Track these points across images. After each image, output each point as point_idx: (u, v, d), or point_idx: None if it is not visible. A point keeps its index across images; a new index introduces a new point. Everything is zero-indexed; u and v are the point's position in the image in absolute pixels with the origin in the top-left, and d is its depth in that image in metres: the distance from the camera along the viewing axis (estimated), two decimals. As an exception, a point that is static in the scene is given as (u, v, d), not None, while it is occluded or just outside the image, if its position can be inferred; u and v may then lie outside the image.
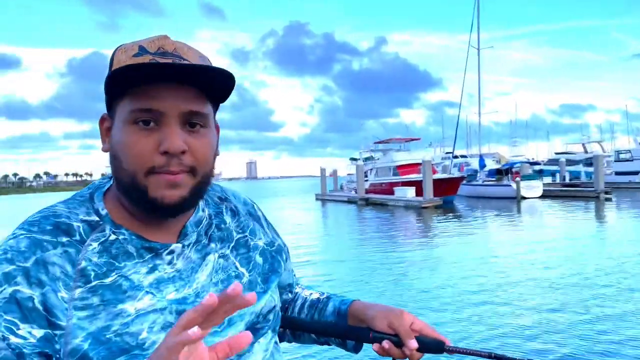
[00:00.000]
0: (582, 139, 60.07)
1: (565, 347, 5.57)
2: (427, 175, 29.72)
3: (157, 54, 0.83)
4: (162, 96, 0.82)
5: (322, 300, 1.14)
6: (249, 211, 1.07)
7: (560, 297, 7.71)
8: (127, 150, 0.82)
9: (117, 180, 0.86)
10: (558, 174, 45.56)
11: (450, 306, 7.41)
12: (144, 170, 0.82)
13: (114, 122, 0.85)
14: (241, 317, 0.92)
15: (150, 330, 0.82)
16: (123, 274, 0.83)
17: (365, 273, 10.32)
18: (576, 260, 10.63)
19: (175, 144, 0.81)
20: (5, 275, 0.78)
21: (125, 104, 0.83)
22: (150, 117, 0.82)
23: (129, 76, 0.80)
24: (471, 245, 13.78)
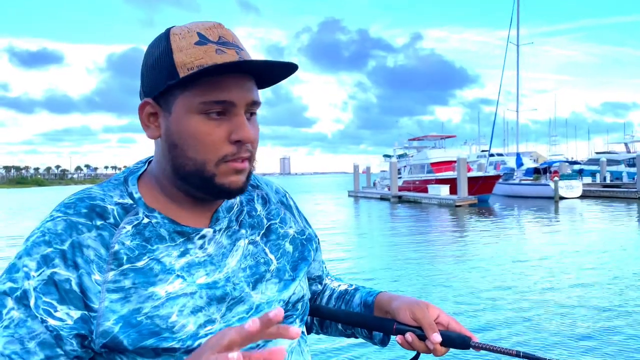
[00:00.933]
0: (625, 138, 58.00)
1: (593, 352, 5.44)
2: (462, 173, 29.29)
3: (220, 43, 0.85)
4: (232, 88, 0.84)
5: (349, 292, 1.14)
6: (280, 200, 1.08)
7: (593, 301, 7.51)
8: (196, 140, 0.85)
9: (177, 166, 0.87)
10: (598, 174, 44.15)
11: (478, 305, 7.32)
12: (215, 159, 0.85)
13: (171, 110, 0.86)
14: (269, 306, 0.93)
15: (180, 313, 0.83)
16: (155, 257, 0.85)
17: (396, 270, 10.28)
18: (613, 264, 10.32)
19: (249, 134, 0.85)
20: (44, 258, 0.80)
21: (192, 95, 0.84)
22: (222, 108, 0.84)
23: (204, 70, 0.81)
24: (504, 246, 13.54)
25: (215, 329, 0.85)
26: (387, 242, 15.07)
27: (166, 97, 0.86)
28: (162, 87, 0.85)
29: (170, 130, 0.86)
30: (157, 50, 0.86)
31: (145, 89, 0.89)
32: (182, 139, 0.85)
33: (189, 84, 0.83)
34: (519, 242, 14.50)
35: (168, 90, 0.85)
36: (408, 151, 48.34)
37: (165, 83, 0.84)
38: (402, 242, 14.70)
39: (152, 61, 0.87)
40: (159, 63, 0.85)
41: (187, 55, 0.83)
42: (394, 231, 18.08)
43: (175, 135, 0.86)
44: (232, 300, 0.88)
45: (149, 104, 0.88)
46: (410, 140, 49.13)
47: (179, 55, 0.83)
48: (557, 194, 29.99)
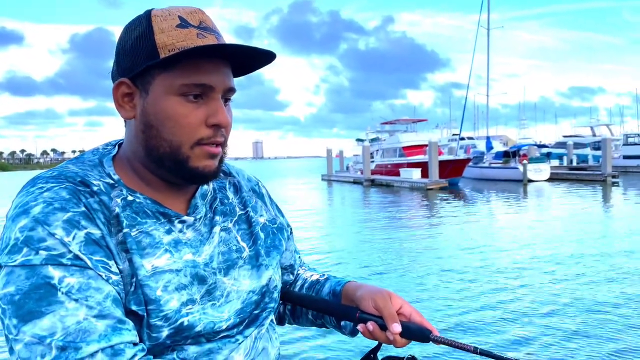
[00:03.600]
0: (591, 122, 59.54)
1: (555, 338, 5.62)
2: (433, 156, 29.63)
3: (200, 28, 0.85)
4: (211, 72, 0.85)
5: (320, 282, 1.15)
6: (252, 188, 1.08)
7: (558, 285, 7.74)
8: (173, 121, 0.85)
9: (151, 148, 0.87)
10: (565, 157, 45.29)
11: (445, 290, 7.46)
12: (191, 141, 0.86)
13: (148, 91, 0.85)
14: (238, 294, 0.93)
15: (164, 289, 0.83)
16: (145, 229, 0.85)
17: (366, 253, 10.39)
18: (577, 244, 10.64)
19: (226, 119, 0.87)
20: (69, 222, 0.77)
21: (172, 76, 0.84)
22: (201, 91, 0.85)
23: (186, 52, 0.82)
24: (474, 228, 13.79)
25: (194, 310, 0.85)
26: (359, 225, 15.19)
27: (144, 77, 0.85)
28: (141, 67, 0.84)
29: (146, 110, 0.86)
30: (137, 30, 0.86)
31: (121, 69, 0.87)
32: (158, 120, 0.85)
33: (170, 65, 0.83)
34: (488, 224, 14.79)
35: (147, 70, 0.85)
36: (381, 135, 48.61)
37: (144, 63, 0.84)
38: (373, 226, 14.83)
39: (130, 41, 0.86)
40: (139, 43, 0.85)
41: (169, 37, 0.83)
42: (366, 215, 18.23)
43: (152, 115, 0.85)
44: (211, 284, 0.89)
45: (125, 84, 0.87)
46: (383, 124, 49.40)
47: (161, 37, 0.83)
48: (526, 177, 30.63)
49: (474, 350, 0.92)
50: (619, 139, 46.20)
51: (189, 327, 0.84)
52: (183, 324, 0.84)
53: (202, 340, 0.87)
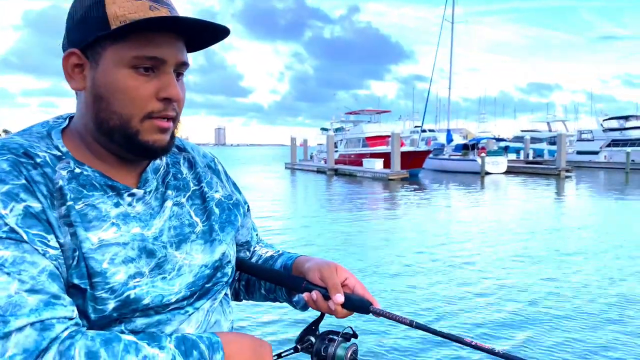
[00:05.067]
0: (547, 118, 61.34)
1: (497, 323, 5.89)
2: (395, 148, 30.02)
3: (154, 0, 0.85)
4: (163, 45, 0.85)
5: (274, 257, 1.17)
6: (207, 164, 1.09)
7: (505, 271, 8.06)
8: (123, 94, 0.84)
9: (101, 120, 0.86)
10: (522, 151, 46.60)
11: (400, 276, 7.67)
12: (141, 114, 0.85)
13: (98, 62, 0.85)
14: (190, 268, 0.93)
15: (111, 262, 0.83)
16: (91, 202, 0.84)
17: (326, 240, 10.53)
18: (529, 234, 11.06)
19: (177, 93, 0.87)
20: (7, 194, 0.76)
21: (123, 48, 0.83)
22: (152, 64, 0.85)
23: (137, 23, 0.81)
24: (431, 217, 14.13)
25: (142, 283, 0.85)
26: (320, 214, 15.31)
27: (95, 48, 0.85)
28: (92, 37, 0.84)
29: (96, 82, 0.85)
30: (87, 1, 0.84)
31: (71, 39, 0.87)
32: (108, 92, 0.84)
33: (120, 36, 0.83)
34: (446, 214, 15.17)
35: (97, 41, 0.84)
36: (345, 125, 48.82)
37: (95, 34, 0.83)
38: (334, 214, 14.99)
39: (81, 11, 0.85)
40: (89, 14, 0.84)
41: (121, 8, 0.82)
42: (327, 204, 18.38)
43: (102, 87, 0.85)
44: (161, 257, 0.89)
45: (75, 54, 0.86)
46: (347, 114, 49.62)
47: (112, 7, 0.82)
48: (484, 170, 31.43)
49: (410, 323, 0.95)
50: (574, 135, 47.84)
51: (136, 300, 0.84)
52: (130, 296, 0.83)
53: (150, 312, 0.87)
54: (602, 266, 8.05)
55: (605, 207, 16.46)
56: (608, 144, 40.66)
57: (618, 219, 13.47)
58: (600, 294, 6.56)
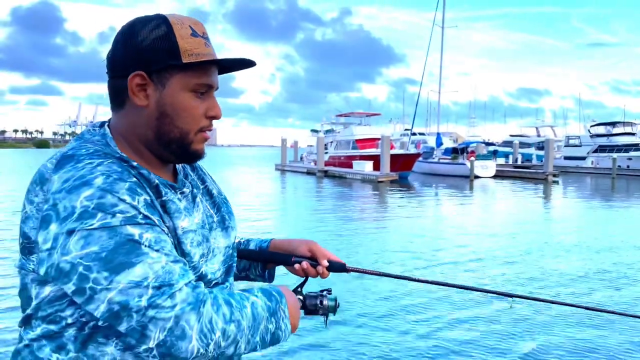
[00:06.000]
0: (537, 123, 61.99)
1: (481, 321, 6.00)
2: (385, 150, 30.21)
3: (205, 38, 1.07)
4: (213, 75, 1.08)
5: (243, 242, 1.38)
6: (198, 166, 1.27)
7: (488, 272, 8.19)
8: (187, 112, 1.05)
9: (162, 132, 1.05)
10: (511, 155, 47.02)
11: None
12: (196, 129, 1.07)
13: (165, 85, 1.03)
14: (219, 250, 1.14)
15: (192, 244, 1.05)
16: (169, 198, 1.05)
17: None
18: (514, 237, 11.23)
19: (221, 112, 1.11)
20: (130, 189, 0.94)
21: (189, 76, 1.03)
22: (206, 89, 1.07)
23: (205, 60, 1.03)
24: (419, 220, 14.27)
25: (204, 262, 1.08)
26: (309, 215, 15.40)
27: (162, 73, 1.02)
28: (164, 65, 1.01)
29: (163, 101, 1.03)
30: (156, 32, 1.02)
31: (136, 62, 1.02)
32: (174, 111, 1.04)
33: (188, 67, 1.03)
34: (434, 217, 15.32)
35: (166, 68, 1.02)
36: (335, 127, 48.95)
37: (167, 62, 1.01)
38: (325, 216, 15.09)
39: (149, 40, 1.01)
40: (160, 44, 1.01)
41: (188, 44, 1.02)
42: (317, 205, 18.47)
43: (169, 106, 1.03)
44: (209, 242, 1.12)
45: (140, 76, 1.02)
46: (338, 116, 49.73)
47: (182, 42, 1.02)
48: (473, 173, 31.72)
49: (382, 274, 1.31)
50: (561, 140, 48.33)
51: (204, 276, 1.07)
52: (202, 273, 1.06)
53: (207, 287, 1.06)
54: (582, 270, 8.21)
55: (590, 212, 16.71)
56: (595, 149, 41.14)
57: (603, 223, 13.69)
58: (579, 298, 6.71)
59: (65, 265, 0.89)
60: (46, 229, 0.91)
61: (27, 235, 0.96)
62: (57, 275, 0.91)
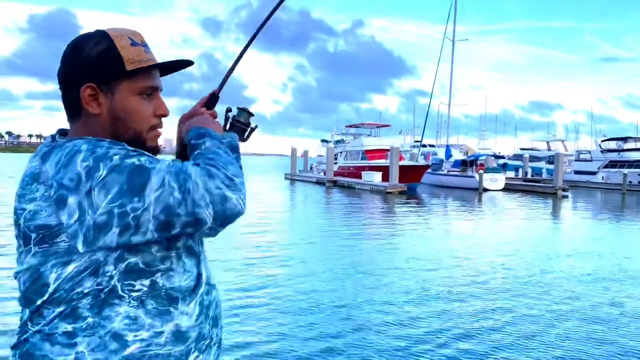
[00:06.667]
0: (547, 137, 61.66)
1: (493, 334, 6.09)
2: (394, 161, 30.31)
3: (144, 45, 1.20)
4: (156, 77, 1.22)
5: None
6: None
7: (492, 290, 8.26)
8: (137, 114, 1.18)
9: (117, 135, 1.16)
10: (521, 169, 46.84)
11: (396, 289, 7.88)
12: (147, 127, 1.21)
13: (114, 93, 1.15)
14: None
15: None
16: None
17: (323, 252, 10.73)
18: (526, 252, 11.28)
19: (168, 110, 1.25)
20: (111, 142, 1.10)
21: (132, 81, 1.16)
22: (151, 91, 1.20)
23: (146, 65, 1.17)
24: (426, 233, 14.35)
25: None
26: (318, 225, 15.53)
27: (109, 82, 1.15)
28: (110, 74, 1.14)
29: (114, 107, 1.15)
30: (99, 46, 1.14)
31: (86, 75, 1.13)
32: (126, 114, 1.16)
33: (132, 73, 1.16)
34: (442, 230, 15.38)
35: (112, 77, 1.14)
36: (345, 137, 49.17)
37: (112, 71, 1.14)
38: (332, 226, 15.21)
39: (94, 54, 1.13)
40: (104, 57, 1.13)
41: (129, 53, 1.15)
42: (326, 215, 18.60)
43: (120, 111, 1.16)
44: None
45: (90, 87, 1.14)
46: (348, 126, 49.97)
47: (124, 52, 1.14)
48: (482, 186, 31.68)
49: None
50: (572, 154, 48.07)
51: None
52: None
53: None
54: (585, 291, 8.25)
55: (600, 228, 16.68)
56: (606, 164, 40.91)
57: (612, 240, 13.67)
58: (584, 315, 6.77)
59: (102, 217, 1.00)
60: (66, 205, 1.01)
61: (43, 226, 1.03)
62: (97, 233, 1.01)
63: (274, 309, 6.47)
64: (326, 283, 7.88)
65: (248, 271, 8.55)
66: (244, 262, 9.21)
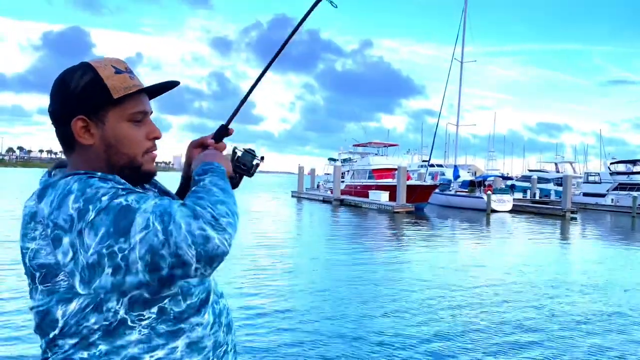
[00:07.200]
0: (556, 159, 61.44)
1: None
2: (401, 181, 30.27)
3: (129, 72, 1.21)
4: (145, 102, 1.23)
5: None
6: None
7: (509, 308, 8.16)
8: (129, 139, 1.19)
9: (113, 162, 1.18)
10: (529, 190, 46.59)
11: (401, 312, 7.80)
12: (141, 152, 1.21)
13: (104, 121, 1.16)
14: None
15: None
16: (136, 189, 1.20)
17: (329, 273, 10.67)
18: (533, 274, 11.15)
19: (160, 133, 1.26)
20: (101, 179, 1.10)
21: (121, 109, 1.18)
22: (141, 116, 1.21)
23: (133, 92, 1.19)
24: (435, 254, 14.24)
25: None
26: (324, 244, 15.47)
27: (99, 112, 1.16)
28: (98, 105, 1.15)
29: (106, 136, 1.17)
30: (84, 78, 1.15)
31: (74, 108, 1.15)
32: (117, 141, 1.17)
33: (120, 101, 1.17)
34: (450, 250, 15.26)
35: (100, 107, 1.16)
36: (352, 156, 49.20)
37: (100, 101, 1.15)
38: (337, 245, 15.14)
39: (80, 87, 1.14)
40: (90, 88, 1.15)
41: (114, 81, 1.16)
42: (332, 234, 18.53)
43: (111, 138, 1.17)
44: None
45: (81, 119, 1.16)
46: (355, 145, 50.03)
47: (109, 82, 1.16)
48: (489, 207, 31.51)
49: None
50: (581, 176, 47.78)
51: None
52: None
53: None
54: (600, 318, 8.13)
55: (609, 252, 16.47)
56: (615, 187, 40.62)
57: (622, 264, 13.50)
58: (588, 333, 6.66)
59: (93, 257, 1.02)
60: (61, 244, 1.04)
61: (44, 264, 1.07)
62: (91, 273, 1.03)
63: (275, 338, 6.41)
64: (330, 309, 7.81)
65: (253, 289, 8.51)
66: (249, 283, 9.17)
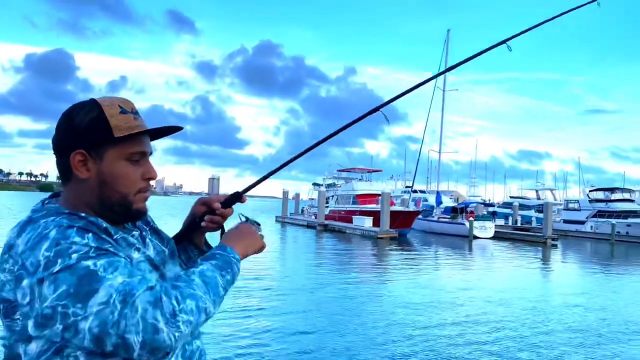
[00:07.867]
0: (537, 186, 62.30)
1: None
2: (385, 206, 30.42)
3: (134, 113, 1.25)
4: (145, 142, 1.27)
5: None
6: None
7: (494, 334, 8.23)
8: (125, 179, 1.22)
9: (105, 198, 1.21)
10: (511, 217, 47.07)
11: (384, 339, 7.82)
12: (135, 191, 1.24)
13: (102, 158, 1.20)
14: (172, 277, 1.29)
15: (147, 271, 1.22)
16: (119, 236, 1.21)
17: (312, 299, 10.65)
18: (515, 300, 11.26)
19: (156, 174, 1.29)
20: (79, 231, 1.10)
21: (120, 147, 1.21)
22: (139, 156, 1.25)
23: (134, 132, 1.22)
24: (417, 282, 14.30)
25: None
26: (307, 270, 15.43)
27: (99, 148, 1.20)
28: (98, 141, 1.19)
29: (102, 171, 1.20)
30: (90, 114, 1.20)
31: (76, 142, 1.20)
32: (113, 178, 1.21)
33: (121, 140, 1.21)
34: (433, 276, 15.34)
35: (101, 143, 1.20)
36: (337, 181, 49.45)
37: (101, 139, 1.19)
38: (321, 272, 15.11)
39: (85, 123, 1.19)
40: (95, 124, 1.19)
41: (118, 121, 1.20)
42: (316, 260, 18.50)
43: (107, 175, 1.21)
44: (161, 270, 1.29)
45: (80, 153, 1.21)
46: (339, 171, 50.31)
47: (113, 121, 1.20)
48: (472, 234, 31.75)
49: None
50: (561, 203, 48.43)
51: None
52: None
53: None
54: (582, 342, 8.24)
55: (589, 278, 16.70)
56: (594, 214, 41.24)
57: (602, 291, 13.69)
58: None
59: (48, 310, 1.03)
60: (21, 285, 1.05)
61: (6, 299, 1.08)
62: (44, 322, 1.04)
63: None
64: (312, 334, 7.80)
65: (236, 319, 8.46)
66: (233, 308, 9.12)
